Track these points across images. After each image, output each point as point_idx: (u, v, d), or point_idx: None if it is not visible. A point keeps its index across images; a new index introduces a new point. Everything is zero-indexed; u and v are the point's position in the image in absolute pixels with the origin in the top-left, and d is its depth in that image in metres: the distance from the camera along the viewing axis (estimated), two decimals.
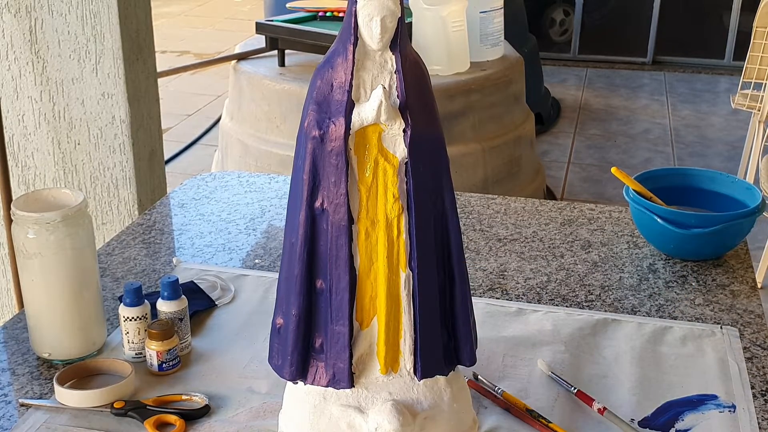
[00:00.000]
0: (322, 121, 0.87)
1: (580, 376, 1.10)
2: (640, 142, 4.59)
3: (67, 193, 1.11)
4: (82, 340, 1.12)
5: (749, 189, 1.44)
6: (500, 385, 1.07)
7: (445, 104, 2.66)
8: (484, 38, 2.94)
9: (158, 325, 1.09)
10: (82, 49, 1.97)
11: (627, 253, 1.43)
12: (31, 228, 1.06)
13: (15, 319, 1.23)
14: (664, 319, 1.24)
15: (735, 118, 4.84)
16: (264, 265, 1.40)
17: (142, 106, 2.06)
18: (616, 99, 5.28)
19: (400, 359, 0.91)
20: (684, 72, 5.81)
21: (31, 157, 2.08)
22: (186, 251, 1.44)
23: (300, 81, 2.74)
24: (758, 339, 1.19)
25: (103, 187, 2.08)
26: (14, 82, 2.02)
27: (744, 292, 1.31)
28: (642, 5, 5.88)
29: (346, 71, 0.86)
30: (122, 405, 1.02)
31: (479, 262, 1.40)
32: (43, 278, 1.08)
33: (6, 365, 1.12)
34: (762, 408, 1.05)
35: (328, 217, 0.88)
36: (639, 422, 1.02)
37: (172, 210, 1.61)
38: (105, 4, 1.93)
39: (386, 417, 0.89)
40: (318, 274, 0.90)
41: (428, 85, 0.90)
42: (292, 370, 0.92)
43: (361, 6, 0.84)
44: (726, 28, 5.82)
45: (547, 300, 1.29)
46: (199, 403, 1.03)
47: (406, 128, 0.86)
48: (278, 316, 0.93)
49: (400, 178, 0.88)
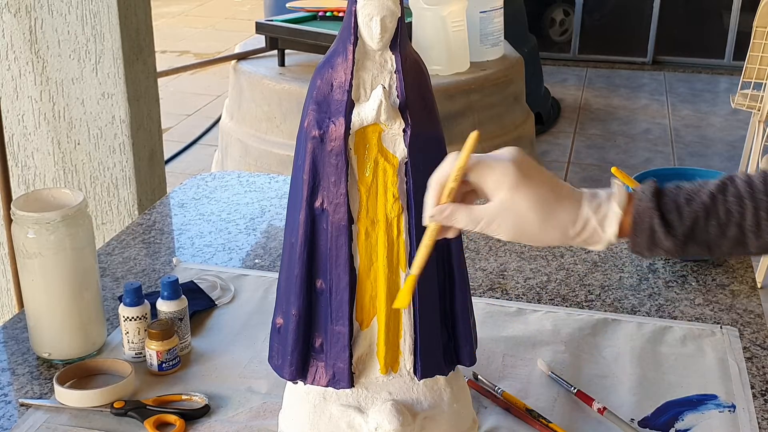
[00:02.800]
0: (322, 121, 0.87)
1: (580, 376, 1.10)
2: (640, 142, 4.59)
3: (67, 193, 1.11)
4: (82, 340, 1.12)
5: None
6: (500, 385, 1.07)
7: (445, 104, 2.66)
8: (484, 38, 2.94)
9: (158, 325, 1.09)
10: (82, 49, 1.97)
11: (627, 253, 1.43)
12: (31, 228, 1.06)
13: (15, 319, 1.23)
14: (664, 319, 1.24)
15: (735, 118, 4.84)
16: (264, 265, 1.40)
17: (142, 106, 2.06)
18: (616, 99, 5.28)
19: (400, 359, 0.91)
20: (684, 72, 5.81)
21: (31, 157, 2.08)
22: (186, 251, 1.44)
23: (300, 81, 2.74)
24: (758, 339, 1.19)
25: (103, 187, 2.08)
26: (14, 82, 2.02)
27: (744, 292, 1.31)
28: (642, 5, 5.88)
29: (346, 71, 0.86)
30: (122, 405, 1.02)
31: (479, 262, 1.40)
32: (43, 278, 1.08)
33: (6, 365, 1.12)
34: (762, 408, 1.05)
35: (328, 217, 0.88)
36: (639, 422, 1.02)
37: (172, 210, 1.61)
38: (105, 4, 1.93)
39: (386, 417, 0.89)
40: (318, 274, 0.90)
41: (428, 85, 0.90)
42: (292, 370, 0.92)
43: (361, 6, 0.84)
44: (726, 28, 5.81)
45: (547, 300, 1.29)
46: (199, 403, 1.03)
47: (406, 128, 0.86)
48: (278, 316, 0.93)
49: (400, 178, 0.88)
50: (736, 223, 0.81)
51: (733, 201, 0.81)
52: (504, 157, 0.81)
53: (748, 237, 0.81)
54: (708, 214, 0.81)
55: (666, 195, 0.82)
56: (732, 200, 0.81)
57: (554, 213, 0.80)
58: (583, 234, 0.81)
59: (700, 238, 0.82)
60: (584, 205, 0.81)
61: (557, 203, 0.81)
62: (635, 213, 0.81)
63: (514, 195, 0.79)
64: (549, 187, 0.81)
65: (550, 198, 0.80)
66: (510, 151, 0.82)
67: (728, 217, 0.81)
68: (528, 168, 0.80)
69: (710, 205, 0.81)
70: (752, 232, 0.81)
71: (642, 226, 0.81)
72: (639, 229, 0.81)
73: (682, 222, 0.81)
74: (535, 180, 0.80)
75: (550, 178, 0.82)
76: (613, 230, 0.81)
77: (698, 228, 0.81)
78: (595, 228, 0.81)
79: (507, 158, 0.80)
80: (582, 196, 0.82)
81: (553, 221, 0.81)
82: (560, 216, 0.81)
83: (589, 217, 0.81)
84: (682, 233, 0.81)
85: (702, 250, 0.83)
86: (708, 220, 0.81)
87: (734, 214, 0.81)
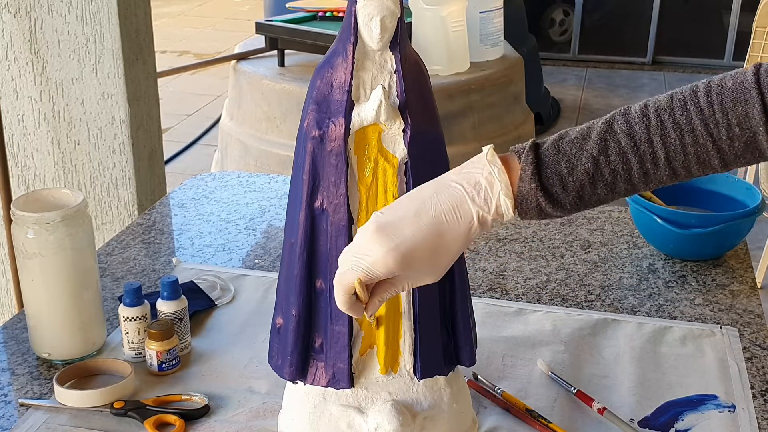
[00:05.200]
0: (321, 121, 0.87)
1: (579, 376, 1.10)
2: None
3: (67, 193, 1.11)
4: (82, 340, 1.12)
5: (749, 189, 1.44)
6: (500, 385, 1.07)
7: (445, 104, 2.66)
8: (484, 38, 2.94)
9: (158, 325, 1.09)
10: (81, 49, 1.97)
11: (627, 253, 1.43)
12: (31, 228, 1.06)
13: (15, 319, 1.22)
14: (664, 319, 1.24)
15: None
16: (264, 265, 1.40)
17: (141, 106, 2.06)
18: (616, 99, 5.28)
19: (400, 359, 0.91)
20: (684, 72, 5.81)
21: (31, 157, 2.08)
22: (186, 251, 1.44)
23: (300, 81, 2.74)
24: (758, 339, 1.19)
25: (103, 187, 2.08)
26: (14, 82, 2.02)
27: (744, 292, 1.31)
28: (642, 5, 5.88)
29: (346, 71, 0.86)
30: (122, 405, 1.02)
31: (479, 262, 1.40)
32: (42, 278, 1.08)
33: (6, 365, 1.12)
34: (762, 408, 1.05)
35: (327, 217, 0.88)
36: (639, 422, 1.02)
37: (172, 210, 1.61)
38: (105, 4, 1.93)
39: (386, 417, 0.89)
40: (318, 274, 0.90)
41: (428, 85, 0.90)
42: (292, 370, 0.92)
43: (361, 6, 0.84)
44: (726, 28, 5.81)
45: (547, 300, 1.29)
46: (198, 403, 1.03)
47: (406, 128, 0.86)
48: (278, 316, 0.93)
49: (400, 178, 0.88)
50: (624, 179, 0.80)
51: (617, 160, 0.79)
52: (374, 253, 0.78)
53: (637, 186, 0.80)
54: (593, 179, 0.79)
55: (546, 167, 0.80)
56: (615, 159, 0.79)
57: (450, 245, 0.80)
58: (482, 229, 0.81)
59: (589, 201, 0.81)
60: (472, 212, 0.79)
61: (443, 235, 0.79)
62: (519, 195, 0.80)
63: (409, 269, 0.79)
64: (428, 232, 0.79)
65: (439, 245, 0.79)
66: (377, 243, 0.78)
67: (614, 176, 0.79)
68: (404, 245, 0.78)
69: (594, 170, 0.79)
70: (641, 182, 0.80)
71: (528, 205, 0.80)
72: (526, 208, 0.80)
73: (567, 193, 0.80)
74: (408, 241, 0.78)
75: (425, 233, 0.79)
76: (509, 216, 0.80)
77: (585, 193, 0.80)
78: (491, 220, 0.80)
79: (378, 254, 0.78)
80: (464, 199, 0.79)
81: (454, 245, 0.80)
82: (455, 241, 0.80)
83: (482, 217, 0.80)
84: (570, 203, 0.80)
85: (594, 206, 0.82)
86: (594, 185, 0.80)
87: (620, 172, 0.79)
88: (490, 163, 0.80)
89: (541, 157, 0.81)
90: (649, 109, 0.79)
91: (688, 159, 0.78)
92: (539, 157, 0.81)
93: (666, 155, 0.78)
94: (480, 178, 0.80)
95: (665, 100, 0.80)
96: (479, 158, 0.81)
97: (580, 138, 0.81)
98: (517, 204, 0.80)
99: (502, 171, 0.80)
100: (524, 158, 0.81)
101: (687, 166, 0.79)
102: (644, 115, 0.79)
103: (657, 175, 0.80)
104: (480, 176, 0.80)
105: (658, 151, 0.78)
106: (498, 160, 0.80)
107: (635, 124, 0.79)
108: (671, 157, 0.78)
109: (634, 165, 0.79)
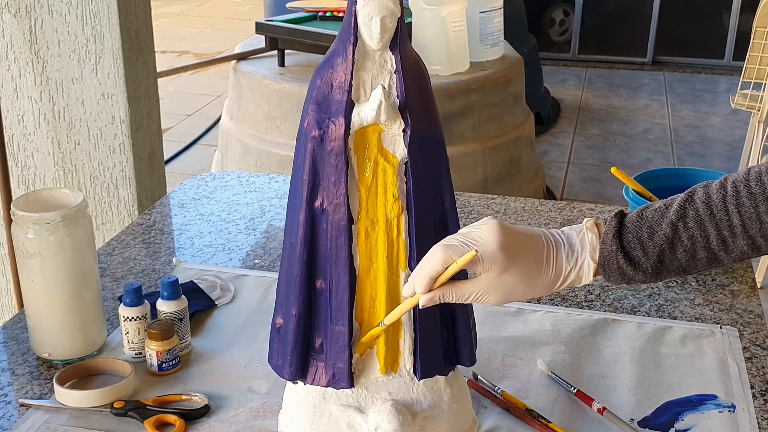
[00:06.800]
0: (321, 121, 0.87)
1: (579, 376, 1.10)
2: (639, 142, 4.59)
3: (67, 193, 1.11)
4: (82, 340, 1.12)
5: None
6: (500, 385, 1.07)
7: (445, 104, 2.66)
8: (484, 38, 2.94)
9: (158, 325, 1.09)
10: (81, 49, 1.97)
11: None
12: (31, 228, 1.06)
13: (15, 319, 1.23)
14: (664, 319, 1.24)
15: (735, 118, 4.84)
16: (264, 265, 1.40)
17: (142, 106, 2.06)
18: (616, 99, 5.28)
19: (400, 359, 0.91)
20: (684, 72, 5.81)
21: (31, 157, 2.08)
22: (186, 251, 1.44)
23: (300, 81, 2.74)
24: (758, 339, 1.19)
25: (103, 187, 2.08)
26: (14, 82, 2.02)
27: (744, 292, 1.31)
28: (642, 5, 5.88)
29: (346, 71, 0.86)
30: (122, 405, 1.02)
31: None
32: (43, 278, 1.08)
33: (6, 365, 1.12)
34: (761, 408, 1.05)
35: (328, 217, 0.88)
36: (639, 422, 1.02)
37: (172, 210, 1.62)
38: (105, 4, 1.93)
39: (386, 417, 0.89)
40: (318, 274, 0.90)
41: (428, 85, 0.90)
42: (292, 370, 0.92)
43: (361, 6, 0.84)
44: (726, 28, 5.82)
45: (547, 300, 1.29)
46: (199, 403, 1.03)
47: (406, 128, 0.86)
48: (278, 316, 0.93)
49: (399, 178, 0.88)
50: (703, 246, 0.84)
51: (694, 227, 0.84)
52: (489, 241, 0.83)
53: (718, 255, 0.84)
54: (672, 244, 0.84)
55: (628, 232, 0.85)
56: (693, 226, 0.84)
57: (539, 281, 0.85)
58: (564, 286, 0.87)
59: (671, 266, 0.85)
60: (564, 265, 0.85)
61: (541, 273, 0.85)
62: (601, 257, 0.85)
63: (501, 276, 0.83)
64: (533, 260, 0.85)
65: (534, 270, 0.85)
66: (494, 233, 0.83)
67: (693, 243, 0.84)
68: (513, 248, 0.83)
69: (672, 235, 0.84)
70: (721, 250, 0.84)
71: (611, 268, 0.86)
72: (609, 271, 0.86)
73: (647, 257, 0.85)
74: (521, 258, 0.84)
75: (532, 249, 0.85)
76: (589, 279, 0.86)
77: (666, 258, 0.85)
78: (574, 279, 0.86)
79: (493, 244, 0.83)
80: (559, 252, 0.85)
81: (538, 288, 0.86)
82: (544, 281, 0.85)
83: (569, 273, 0.85)
84: (651, 267, 0.85)
85: (678, 274, 0.86)
86: (674, 250, 0.84)
87: (698, 239, 0.84)
88: (588, 230, 0.87)
89: (624, 222, 0.86)
90: (728, 182, 0.84)
91: (764, 227, 0.82)
92: (622, 223, 0.86)
93: (742, 223, 0.82)
94: (574, 239, 0.86)
95: (743, 173, 0.84)
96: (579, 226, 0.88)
97: (662, 207, 0.86)
98: (600, 266, 0.86)
99: (593, 234, 0.86)
100: (608, 223, 0.86)
101: (765, 234, 0.82)
102: (722, 187, 0.84)
103: (736, 244, 0.83)
104: (575, 237, 0.87)
105: (733, 219, 0.82)
106: (596, 228, 0.87)
107: (713, 194, 0.84)
108: (747, 225, 0.82)
109: (711, 232, 0.83)
